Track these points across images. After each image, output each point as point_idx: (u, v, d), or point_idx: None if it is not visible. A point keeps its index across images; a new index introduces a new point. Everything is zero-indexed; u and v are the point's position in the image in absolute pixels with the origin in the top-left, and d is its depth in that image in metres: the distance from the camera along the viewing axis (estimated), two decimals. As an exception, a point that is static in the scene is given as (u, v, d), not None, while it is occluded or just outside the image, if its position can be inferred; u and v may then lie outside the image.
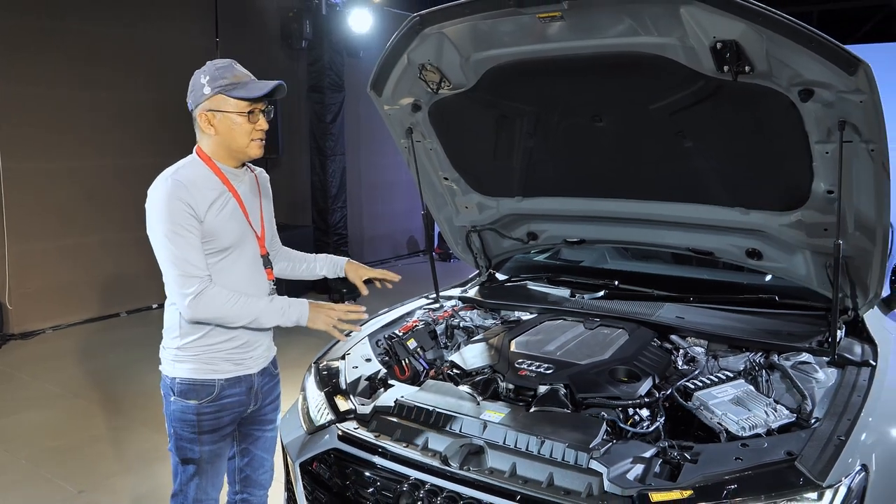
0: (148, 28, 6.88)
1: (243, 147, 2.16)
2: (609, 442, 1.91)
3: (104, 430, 4.21)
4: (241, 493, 2.46)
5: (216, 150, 2.17)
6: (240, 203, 2.21)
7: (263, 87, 2.12)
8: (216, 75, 2.10)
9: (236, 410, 2.25)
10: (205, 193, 2.10)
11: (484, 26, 2.30)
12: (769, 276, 2.95)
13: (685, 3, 1.91)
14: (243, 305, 2.10)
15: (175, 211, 2.03)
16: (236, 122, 2.12)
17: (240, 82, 2.12)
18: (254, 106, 2.13)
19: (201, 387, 2.17)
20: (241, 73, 2.15)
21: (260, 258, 2.28)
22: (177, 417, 2.18)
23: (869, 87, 1.87)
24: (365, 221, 9.79)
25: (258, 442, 2.42)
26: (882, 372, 2.19)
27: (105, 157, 6.72)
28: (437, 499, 1.90)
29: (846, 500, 1.69)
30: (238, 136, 2.14)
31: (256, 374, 2.28)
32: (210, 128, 2.13)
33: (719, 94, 2.16)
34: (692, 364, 2.41)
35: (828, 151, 2.13)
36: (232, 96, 2.10)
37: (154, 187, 2.09)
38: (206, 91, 2.10)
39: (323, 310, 2.19)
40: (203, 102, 2.11)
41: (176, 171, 2.11)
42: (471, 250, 3.42)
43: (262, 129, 2.18)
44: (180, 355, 2.17)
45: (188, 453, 2.20)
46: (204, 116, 2.12)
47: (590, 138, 2.60)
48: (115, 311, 6.86)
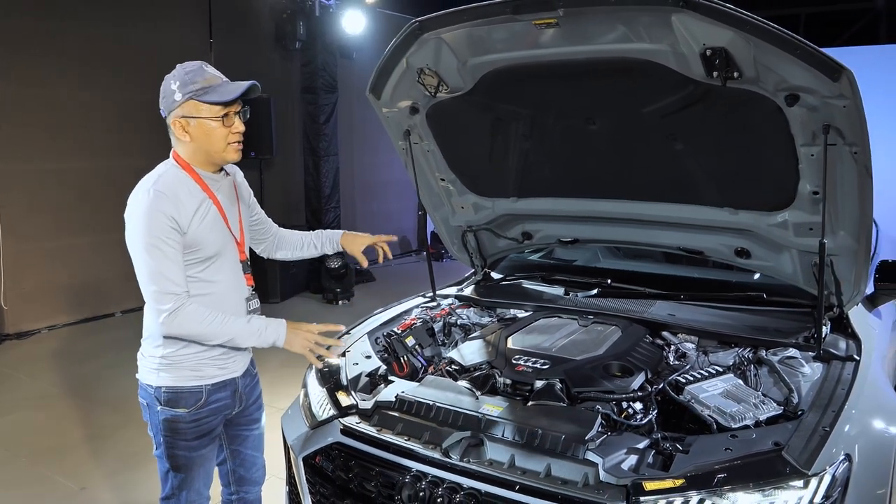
0: (142, 29, 6.91)
1: (220, 152, 2.12)
2: (604, 434, 1.98)
3: (102, 429, 4.25)
4: (237, 493, 2.50)
5: (193, 156, 2.13)
6: (220, 210, 2.18)
7: (236, 89, 2.06)
8: (186, 80, 2.05)
9: (223, 413, 2.26)
10: (187, 203, 2.07)
11: (481, 32, 2.36)
12: (757, 275, 3.04)
13: (676, 11, 1.98)
14: (220, 325, 2.07)
15: (156, 224, 2.00)
16: (211, 127, 2.07)
17: (211, 85, 2.06)
18: (228, 109, 2.07)
19: (189, 394, 2.16)
20: (211, 75, 2.08)
21: (240, 264, 2.26)
22: (166, 427, 2.16)
23: (852, 92, 1.95)
24: (358, 221, 9.84)
25: (246, 441, 2.44)
26: (865, 366, 2.27)
27: (100, 158, 6.74)
28: (438, 490, 1.96)
29: (830, 487, 1.77)
30: (214, 141, 2.09)
31: (240, 377, 2.29)
32: (185, 135, 2.09)
33: (709, 99, 2.23)
34: (683, 359, 2.49)
35: (813, 154, 2.21)
36: (204, 101, 2.04)
37: (135, 197, 2.05)
38: (178, 97, 2.05)
39: (301, 331, 2.17)
40: (175, 109, 2.07)
41: (157, 181, 2.07)
42: (466, 250, 3.48)
43: (238, 132, 2.13)
44: (165, 364, 2.14)
45: (179, 460, 2.20)
46: (178, 123, 2.08)
47: (584, 140, 2.67)
48: (110, 311, 6.88)
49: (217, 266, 2.17)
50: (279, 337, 2.15)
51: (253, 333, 2.12)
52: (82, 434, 4.19)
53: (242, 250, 2.28)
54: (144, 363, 2.20)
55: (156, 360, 2.15)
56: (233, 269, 2.24)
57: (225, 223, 2.20)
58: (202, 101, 2.04)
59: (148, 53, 6.96)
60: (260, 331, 2.13)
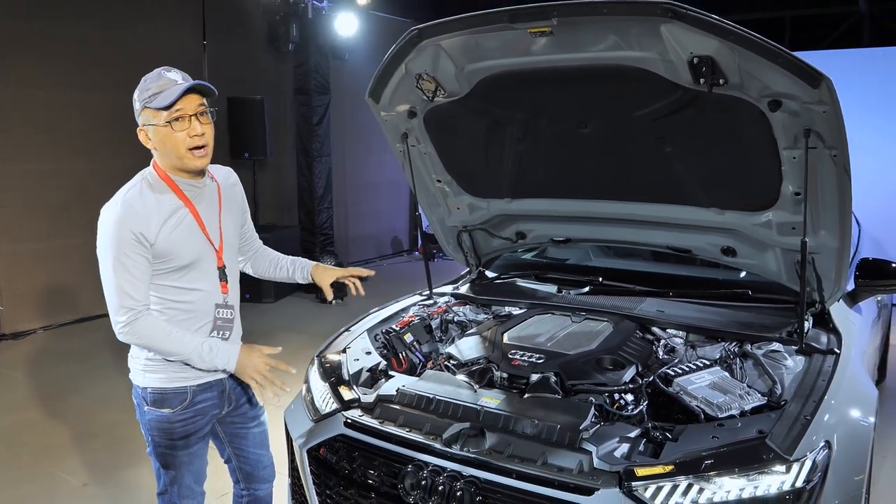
0: (136, 31, 6.96)
1: (181, 158, 2.07)
2: (597, 424, 2.08)
3: (101, 427, 4.31)
4: (248, 490, 2.55)
5: (165, 163, 2.12)
6: (196, 218, 2.16)
7: (175, 91, 2.00)
8: (143, 88, 2.04)
9: (211, 413, 2.29)
10: (157, 214, 2.06)
11: (479, 39, 2.45)
12: (743, 273, 3.15)
13: (665, 22, 2.07)
14: (174, 343, 2.07)
15: (122, 239, 1.99)
16: (165, 133, 2.03)
17: (162, 90, 2.00)
18: (179, 112, 2.01)
19: (174, 395, 2.19)
20: (167, 79, 2.03)
21: (217, 271, 2.24)
22: (153, 426, 2.21)
23: (831, 98, 2.05)
24: (350, 221, 9.92)
25: (247, 439, 2.46)
26: (845, 360, 2.38)
27: (95, 158, 6.78)
28: (439, 478, 2.05)
29: (811, 472, 1.87)
30: (173, 147, 2.05)
31: (227, 378, 2.30)
32: (148, 142, 2.09)
33: (696, 104, 2.33)
34: (672, 353, 2.59)
35: (795, 156, 2.31)
36: (152, 108, 2.01)
37: (106, 209, 2.05)
38: (137, 107, 2.06)
39: (253, 358, 2.14)
40: (139, 119, 2.07)
41: (128, 192, 2.07)
42: (461, 249, 3.57)
43: (195, 136, 2.04)
44: (150, 365, 2.17)
45: (168, 458, 2.24)
46: (141, 132, 2.09)
47: (576, 144, 2.76)
48: (104, 311, 6.85)
49: (194, 274, 2.17)
50: (229, 362, 2.14)
51: (203, 357, 2.10)
52: (81, 432, 4.25)
53: (220, 257, 2.24)
54: (133, 364, 2.23)
55: (142, 361, 2.19)
56: (211, 277, 2.23)
57: (202, 231, 2.18)
58: (150, 107, 2.02)
59: (142, 55, 7.01)
60: (211, 353, 2.11)
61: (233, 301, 2.31)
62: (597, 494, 1.85)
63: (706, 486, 1.85)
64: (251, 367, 2.15)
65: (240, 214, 2.41)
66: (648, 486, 1.85)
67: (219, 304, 2.25)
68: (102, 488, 3.57)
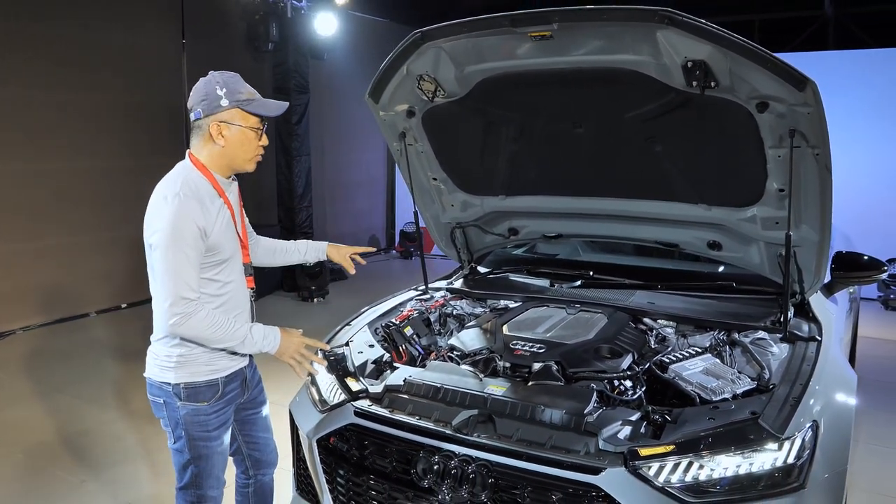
0: (115, 30, 6.92)
1: (245, 161, 2.25)
2: (599, 409, 2.19)
3: (93, 424, 4.32)
4: (254, 477, 2.63)
5: (215, 160, 2.22)
6: (232, 214, 2.29)
7: (279, 107, 2.24)
8: (233, 88, 2.16)
9: (235, 402, 2.40)
10: (210, 207, 2.17)
11: (480, 42, 2.54)
12: (721, 267, 3.30)
13: (661, 27, 2.19)
14: (226, 331, 2.16)
15: (184, 229, 2.07)
16: (248, 137, 2.20)
17: (254, 99, 2.20)
18: (263, 124, 2.24)
19: (206, 388, 2.27)
20: (251, 89, 2.23)
21: (243, 266, 2.38)
22: (188, 421, 2.27)
23: (815, 100, 2.19)
24: (328, 220, 9.95)
25: (257, 424, 2.57)
26: (826, 346, 2.53)
27: (76, 158, 6.74)
28: (452, 462, 2.15)
29: (801, 450, 2.01)
30: (245, 150, 2.22)
31: (247, 366, 2.43)
32: (221, 138, 2.18)
33: (687, 106, 2.45)
34: (664, 342, 2.72)
35: (780, 155, 2.45)
36: (250, 112, 2.17)
37: (161, 202, 2.11)
38: (224, 103, 2.15)
39: (293, 340, 2.29)
40: (218, 113, 2.16)
41: (183, 185, 2.14)
42: (454, 245, 3.66)
43: (263, 146, 2.28)
44: (182, 361, 2.23)
45: (202, 450, 2.31)
46: (216, 127, 2.17)
47: (570, 142, 2.88)
48: (84, 311, 6.88)
49: (230, 268, 2.29)
50: (273, 347, 2.27)
51: (253, 343, 2.23)
52: (73, 430, 4.25)
53: (247, 253, 2.40)
54: (157, 362, 2.28)
55: (172, 358, 2.24)
56: (240, 272, 2.36)
57: (234, 227, 2.31)
58: (247, 111, 2.17)
59: (121, 54, 6.99)
60: (261, 338, 2.24)
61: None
62: (604, 474, 1.97)
63: (705, 463, 1.98)
64: (292, 349, 2.29)
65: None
66: (652, 465, 1.97)
67: (250, 297, 2.41)
68: (101, 485, 3.60)
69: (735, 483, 1.95)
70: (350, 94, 9.88)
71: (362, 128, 10.36)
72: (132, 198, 7.12)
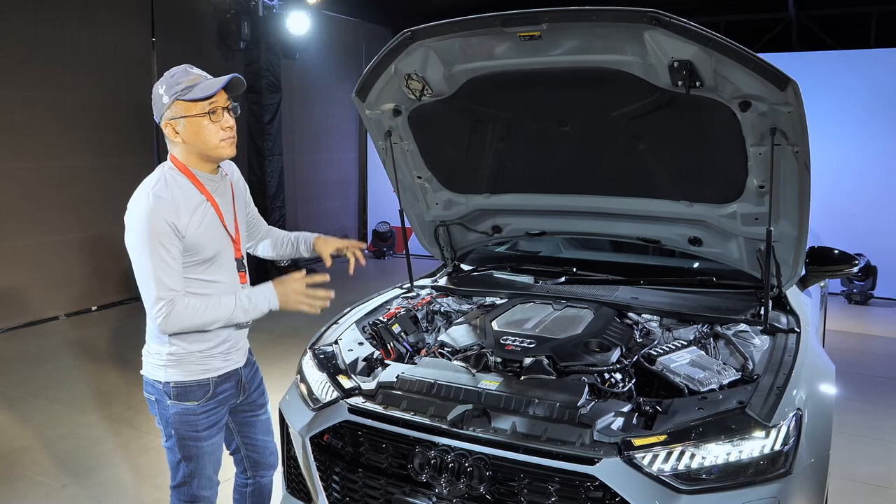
0: (83, 28, 6.80)
1: (214, 148, 2.17)
2: (592, 401, 2.24)
3: (72, 428, 4.25)
4: (253, 478, 2.62)
5: (188, 157, 2.19)
6: (217, 211, 2.25)
7: (217, 82, 2.12)
8: (171, 83, 2.11)
9: (229, 403, 2.39)
10: (185, 207, 2.13)
11: (468, 42, 2.57)
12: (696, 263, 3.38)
13: (649, 28, 2.25)
14: (213, 311, 2.15)
15: (156, 229, 2.05)
16: (200, 124, 2.12)
17: (195, 84, 2.10)
18: (214, 104, 2.12)
19: (197, 387, 2.26)
20: (196, 74, 2.14)
21: (235, 262, 2.34)
22: (177, 420, 2.26)
23: (796, 100, 2.27)
24: (301, 220, 9.90)
25: (255, 427, 2.56)
26: (805, 337, 2.62)
27: (43, 158, 6.62)
28: (448, 457, 2.17)
29: (786, 437, 2.08)
30: (206, 138, 2.14)
31: (242, 367, 2.42)
32: (176, 136, 2.14)
33: (672, 105, 2.51)
34: (649, 336, 2.79)
35: (761, 153, 2.53)
36: (188, 99, 2.09)
37: (135, 202, 2.10)
38: (165, 100, 2.11)
39: (289, 286, 2.25)
40: (165, 112, 2.12)
41: (156, 185, 2.12)
42: (438, 243, 3.68)
43: (228, 127, 2.18)
44: (173, 360, 2.23)
45: (192, 450, 2.30)
46: (169, 126, 2.13)
47: (555, 141, 2.92)
48: (53, 314, 6.75)
49: (216, 266, 2.26)
50: (271, 300, 2.24)
51: (246, 308, 2.20)
52: (51, 435, 4.18)
53: (238, 248, 2.36)
54: (151, 360, 2.28)
55: (163, 357, 2.24)
56: (230, 268, 2.32)
57: (222, 224, 2.27)
58: (186, 99, 2.09)
59: (90, 53, 6.88)
60: (252, 302, 2.20)
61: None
62: (600, 464, 2.01)
63: (696, 451, 2.03)
64: (293, 296, 2.26)
65: (244, 204, 2.50)
66: (645, 455, 2.03)
67: None
68: (83, 489, 3.55)
69: (725, 470, 2.02)
70: (322, 93, 9.85)
71: (335, 127, 10.33)
72: (101, 198, 7.05)
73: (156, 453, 3.87)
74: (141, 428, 4.19)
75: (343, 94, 10.60)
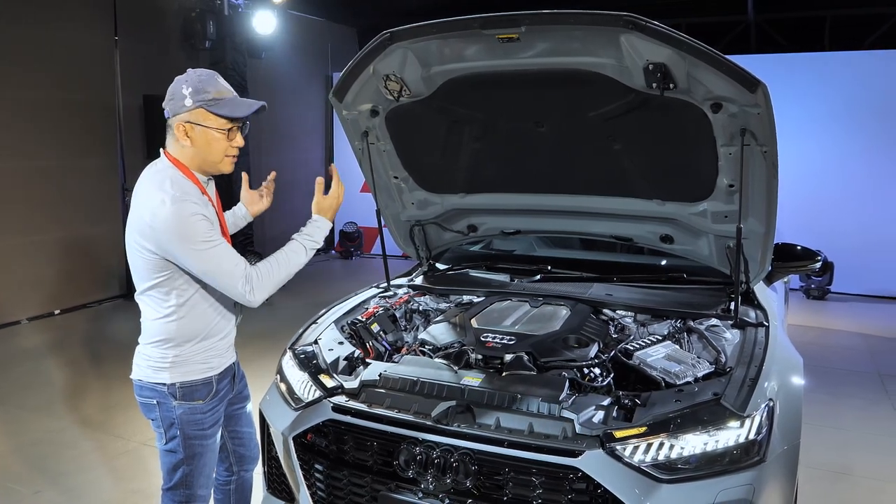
0: (43, 26, 6.65)
1: (217, 163, 2.21)
2: (573, 395, 2.30)
3: (42, 434, 4.17)
4: (237, 473, 2.63)
5: (189, 160, 2.19)
6: (218, 212, 2.29)
7: (248, 106, 2.17)
8: (199, 88, 2.11)
9: (227, 398, 2.42)
10: (200, 204, 2.15)
11: (447, 43, 2.61)
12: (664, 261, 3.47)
13: (625, 31, 2.31)
14: (286, 263, 2.25)
15: (197, 224, 2.08)
16: (215, 138, 2.15)
17: (223, 98, 2.14)
18: (233, 124, 2.17)
19: (202, 386, 2.29)
20: (223, 87, 2.17)
21: None
22: (184, 420, 2.27)
23: (765, 101, 2.35)
24: (266, 221, 9.80)
25: (241, 419, 2.59)
26: (774, 331, 2.72)
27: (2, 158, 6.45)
28: (434, 453, 2.21)
29: (760, 427, 2.15)
30: (214, 151, 2.17)
31: (236, 362, 2.47)
32: (186, 139, 2.15)
33: (646, 106, 2.58)
34: (624, 331, 2.86)
35: (731, 153, 2.61)
36: (214, 113, 2.11)
37: (162, 207, 2.07)
38: (188, 103, 2.11)
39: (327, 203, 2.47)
40: (183, 114, 2.12)
41: (174, 185, 2.12)
42: (413, 243, 3.71)
43: (237, 146, 2.23)
44: (178, 361, 2.24)
45: (197, 449, 2.31)
46: (182, 128, 2.14)
47: (531, 141, 2.97)
48: (15, 318, 6.58)
49: None
50: (323, 227, 2.42)
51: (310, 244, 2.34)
52: (21, 441, 4.10)
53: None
54: (150, 364, 2.27)
55: (167, 359, 2.24)
56: None
57: (221, 224, 2.30)
58: (212, 111, 2.12)
59: (50, 50, 6.73)
60: (312, 238, 2.35)
61: None
62: (583, 456, 2.07)
63: (675, 442, 2.10)
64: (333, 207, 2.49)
65: None
66: (627, 446, 2.09)
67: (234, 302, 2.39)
68: (57, 494, 3.49)
69: (702, 459, 2.09)
70: (288, 93, 9.79)
71: (301, 127, 10.27)
72: (64, 199, 6.92)
73: (130, 458, 3.83)
74: (113, 432, 4.14)
75: (309, 93, 10.55)
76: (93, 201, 6.98)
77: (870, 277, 7.97)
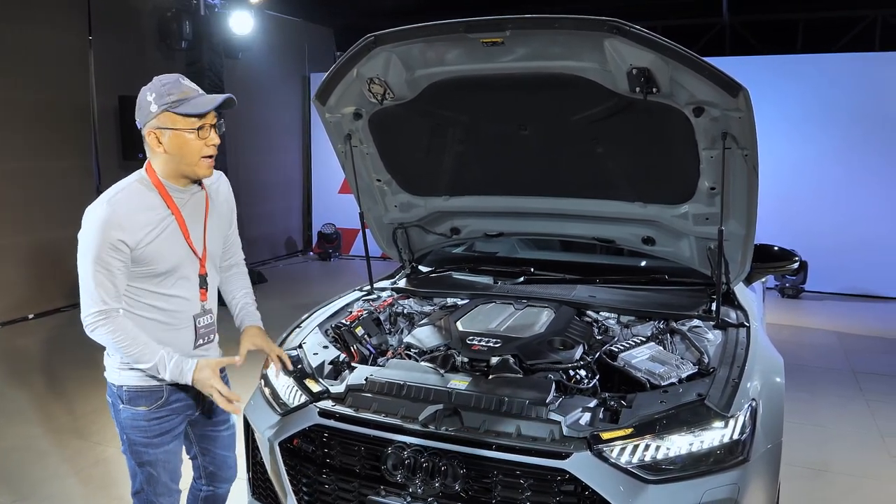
0: (15, 26, 6.53)
1: (192, 165, 2.13)
2: (559, 397, 2.31)
3: (17, 441, 4.09)
4: (209, 487, 2.58)
5: (165, 168, 2.15)
6: (182, 226, 2.20)
7: (211, 101, 2.09)
8: (162, 92, 2.07)
9: (185, 413, 2.32)
10: (143, 220, 2.10)
11: (431, 47, 2.61)
12: (644, 262, 3.51)
13: (609, 36, 2.33)
14: (139, 351, 2.10)
15: (102, 242, 2.03)
16: (186, 139, 2.08)
17: (187, 98, 2.08)
18: (203, 121, 2.09)
19: (149, 393, 2.22)
20: (188, 88, 2.11)
21: (198, 278, 2.28)
22: (128, 424, 2.23)
23: (746, 106, 2.39)
24: (244, 222, 9.66)
25: (216, 441, 2.51)
26: (755, 331, 2.76)
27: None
28: (422, 457, 2.21)
29: (743, 426, 2.18)
30: (188, 153, 2.11)
31: None
32: (159, 146, 2.10)
33: (629, 110, 2.60)
34: (608, 333, 2.88)
35: (712, 156, 2.65)
36: (179, 113, 2.06)
37: (92, 209, 2.06)
38: (153, 109, 2.07)
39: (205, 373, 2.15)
40: (151, 121, 2.08)
41: (117, 194, 2.09)
42: (396, 246, 3.70)
43: (213, 145, 2.15)
44: (125, 364, 2.19)
45: (144, 456, 2.27)
46: (152, 135, 2.10)
47: (515, 144, 2.98)
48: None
49: (173, 280, 2.21)
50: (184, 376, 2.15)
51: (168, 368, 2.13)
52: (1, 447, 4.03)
53: (204, 265, 2.29)
54: (109, 363, 2.25)
55: (117, 359, 2.20)
56: (191, 285, 2.27)
57: (185, 239, 2.22)
58: (177, 112, 2.06)
59: (23, 50, 6.60)
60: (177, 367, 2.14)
61: (211, 306, 2.36)
62: (571, 458, 2.08)
63: (661, 443, 2.12)
64: (207, 383, 2.16)
65: (226, 222, 2.45)
66: (614, 448, 2.11)
67: (197, 314, 2.30)
68: (36, 501, 3.43)
69: (688, 460, 2.11)
70: (266, 93, 9.72)
71: (278, 128, 10.20)
72: (37, 202, 6.80)
73: (109, 464, 3.77)
74: (91, 439, 4.07)
75: (286, 94, 10.49)
76: (66, 204, 6.85)
77: (843, 276, 8.12)
